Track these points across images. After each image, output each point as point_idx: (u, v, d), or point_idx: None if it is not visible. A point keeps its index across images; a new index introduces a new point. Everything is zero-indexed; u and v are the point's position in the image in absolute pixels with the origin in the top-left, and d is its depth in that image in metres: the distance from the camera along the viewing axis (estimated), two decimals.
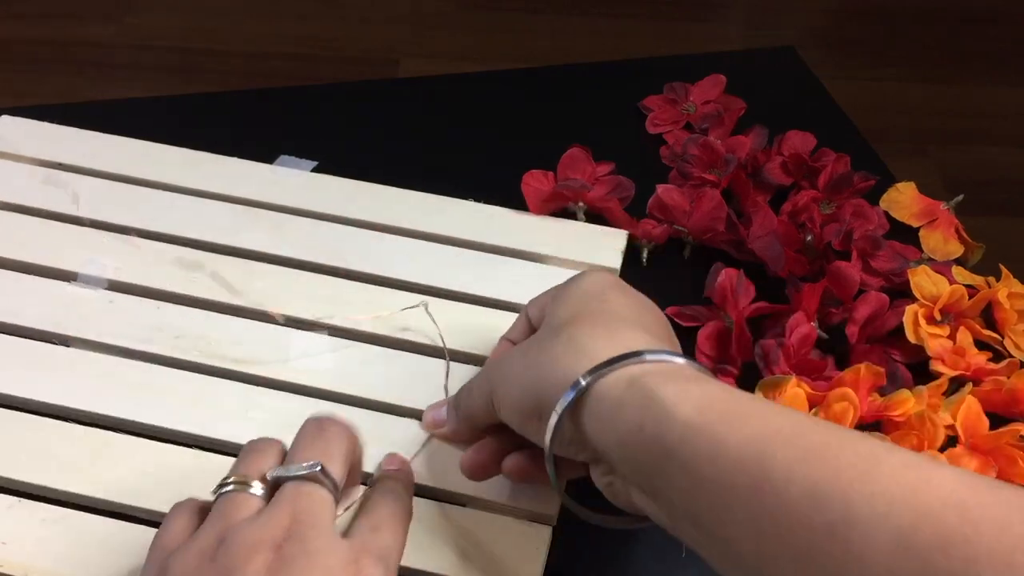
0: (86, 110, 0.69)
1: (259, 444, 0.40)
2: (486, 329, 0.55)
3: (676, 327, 0.57)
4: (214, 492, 0.38)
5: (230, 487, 0.38)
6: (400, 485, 0.44)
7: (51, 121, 0.65)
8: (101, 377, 0.51)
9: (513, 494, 0.47)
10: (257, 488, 0.38)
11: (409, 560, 0.44)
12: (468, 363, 0.53)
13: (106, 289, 0.56)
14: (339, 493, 0.38)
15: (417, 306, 0.55)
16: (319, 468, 0.37)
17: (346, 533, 0.39)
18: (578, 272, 0.47)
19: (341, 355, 0.53)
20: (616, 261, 0.60)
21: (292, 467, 0.38)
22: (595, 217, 0.63)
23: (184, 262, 0.57)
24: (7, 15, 1.61)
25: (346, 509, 0.44)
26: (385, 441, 0.49)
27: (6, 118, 0.66)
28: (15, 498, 0.46)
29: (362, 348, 0.54)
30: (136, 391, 0.51)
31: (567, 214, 0.63)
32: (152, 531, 0.44)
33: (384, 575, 0.36)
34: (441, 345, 0.54)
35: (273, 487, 0.38)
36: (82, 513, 0.46)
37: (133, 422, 0.49)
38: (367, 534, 0.38)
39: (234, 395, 0.51)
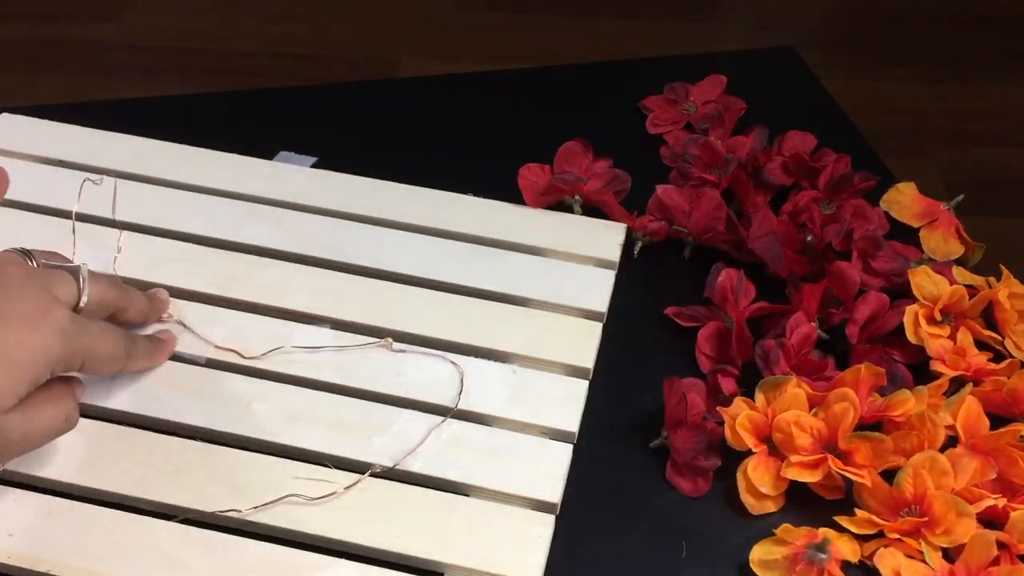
0: (86, 110, 0.69)
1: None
2: (486, 321, 0.55)
3: (676, 327, 0.58)
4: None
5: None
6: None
7: (51, 120, 0.65)
8: None
9: (516, 484, 0.48)
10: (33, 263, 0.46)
11: (412, 549, 0.45)
12: (468, 355, 0.53)
13: None
14: (87, 303, 0.45)
15: (379, 343, 0.54)
16: (85, 269, 0.46)
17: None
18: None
19: (342, 348, 0.53)
20: (615, 254, 0.60)
21: (68, 264, 0.47)
22: (591, 211, 0.63)
23: (184, 257, 0.57)
24: (7, 15, 1.60)
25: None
26: (387, 432, 0.49)
27: (5, 116, 0.66)
28: (22, 491, 0.46)
29: (361, 341, 0.54)
30: (139, 385, 0.51)
31: (564, 208, 0.63)
32: (157, 522, 0.45)
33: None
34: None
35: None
36: (87, 505, 0.46)
37: (136, 415, 0.50)
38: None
39: (237, 387, 0.51)
